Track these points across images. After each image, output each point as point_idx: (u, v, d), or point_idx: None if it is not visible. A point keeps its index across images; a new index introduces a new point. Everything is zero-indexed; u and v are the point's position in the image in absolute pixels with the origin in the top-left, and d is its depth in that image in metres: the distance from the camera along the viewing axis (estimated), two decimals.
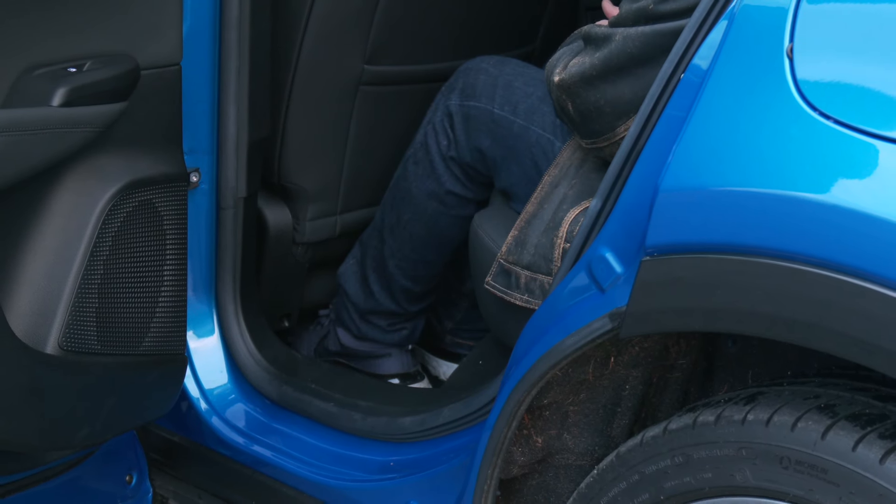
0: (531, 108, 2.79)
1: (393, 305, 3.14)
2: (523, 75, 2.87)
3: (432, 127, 2.94)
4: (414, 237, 3.03)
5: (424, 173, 2.96)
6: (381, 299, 3.13)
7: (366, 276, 3.14)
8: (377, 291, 3.12)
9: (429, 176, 2.95)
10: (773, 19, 1.88)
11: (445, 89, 2.95)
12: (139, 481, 2.95)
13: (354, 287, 3.15)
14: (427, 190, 2.96)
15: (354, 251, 3.18)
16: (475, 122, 2.86)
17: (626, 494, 2.06)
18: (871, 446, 1.81)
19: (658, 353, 2.21)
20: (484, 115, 2.84)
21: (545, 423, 2.27)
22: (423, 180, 2.96)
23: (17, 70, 2.31)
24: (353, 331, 3.20)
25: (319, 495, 2.71)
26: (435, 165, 2.93)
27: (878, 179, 1.76)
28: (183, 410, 2.89)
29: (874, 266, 1.74)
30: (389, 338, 3.20)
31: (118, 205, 2.46)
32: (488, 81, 2.87)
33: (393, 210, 3.04)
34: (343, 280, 3.18)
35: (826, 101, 1.81)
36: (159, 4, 2.51)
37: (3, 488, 2.64)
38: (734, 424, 1.93)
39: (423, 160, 2.95)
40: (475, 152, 2.87)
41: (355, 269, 3.16)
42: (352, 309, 3.17)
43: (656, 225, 1.96)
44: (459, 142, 2.89)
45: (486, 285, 2.51)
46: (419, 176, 2.96)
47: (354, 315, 3.17)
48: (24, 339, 2.33)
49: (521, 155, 2.77)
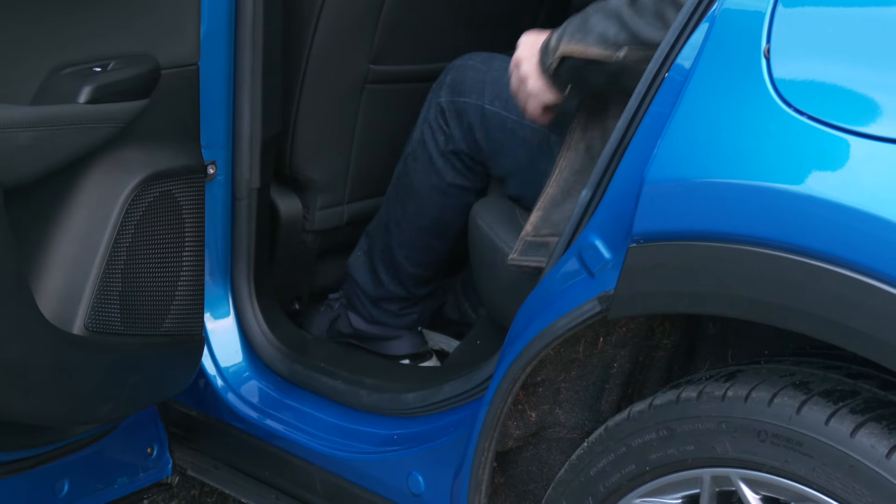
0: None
1: (402, 291, 3.12)
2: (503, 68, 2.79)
3: (427, 125, 2.90)
4: (420, 229, 3.01)
5: (425, 169, 2.93)
6: (390, 287, 3.11)
7: (374, 267, 3.11)
8: (386, 280, 3.10)
9: (430, 171, 2.92)
10: (751, 22, 1.88)
11: (435, 87, 2.92)
12: (160, 453, 2.95)
13: (364, 276, 3.13)
14: (429, 184, 2.93)
15: (361, 243, 3.16)
16: (467, 116, 2.82)
17: (614, 465, 2.06)
18: (843, 420, 1.81)
19: (644, 333, 2.21)
20: (475, 111, 2.80)
21: (539, 399, 2.27)
22: (424, 176, 2.93)
23: (47, 70, 2.31)
24: (365, 316, 3.18)
25: (327, 466, 2.71)
26: (434, 161, 2.90)
27: (848, 171, 1.76)
28: (200, 387, 2.89)
29: (845, 251, 1.74)
30: (400, 321, 3.18)
31: (140, 195, 2.46)
32: (476, 77, 2.82)
33: (397, 205, 3.01)
34: (353, 270, 3.16)
35: (801, 99, 1.81)
36: (179, 8, 2.51)
37: (34, 459, 2.64)
38: (715, 400, 1.93)
39: (423, 157, 2.92)
40: (471, 143, 2.84)
41: (363, 260, 3.14)
42: (363, 296, 3.15)
43: (642, 214, 1.96)
44: (454, 136, 2.86)
45: (511, 263, 2.44)
46: (420, 172, 2.94)
47: (366, 301, 3.16)
48: (53, 320, 2.33)
49: (515, 149, 2.74)
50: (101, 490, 2.84)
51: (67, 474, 2.74)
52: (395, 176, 3.02)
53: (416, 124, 2.95)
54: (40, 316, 2.29)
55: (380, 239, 3.09)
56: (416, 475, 2.54)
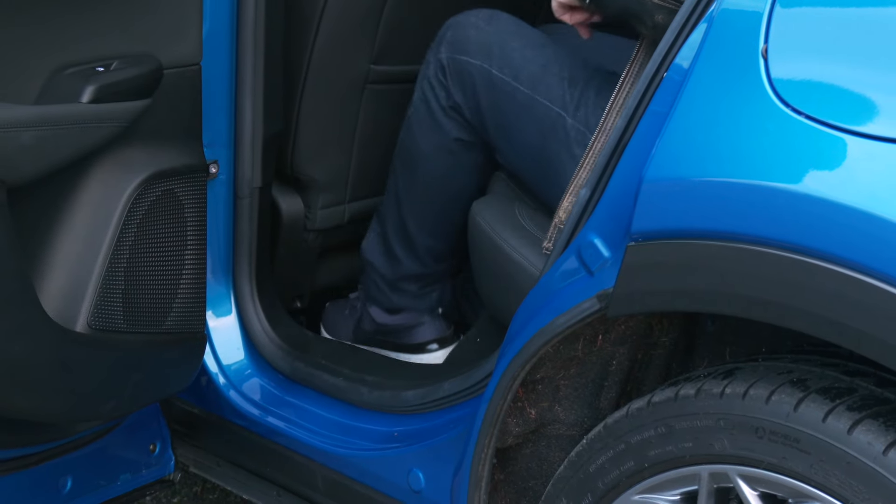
0: (534, 77, 2.63)
1: (419, 267, 3.00)
2: (518, 36, 2.70)
3: (427, 82, 2.79)
4: (430, 192, 2.89)
5: (429, 128, 2.81)
6: (407, 263, 2.99)
7: (389, 245, 2.99)
8: (402, 256, 2.99)
9: (434, 130, 2.81)
10: (748, 22, 1.88)
11: (434, 44, 2.80)
12: (162, 450, 2.95)
13: (379, 258, 3.02)
14: (435, 143, 2.82)
15: (374, 226, 3.05)
16: (470, 78, 2.71)
17: (613, 462, 2.06)
18: (840, 417, 1.82)
19: (643, 331, 2.21)
20: (480, 74, 2.69)
21: (538, 396, 2.27)
22: (429, 135, 2.82)
23: (50, 69, 2.31)
24: (385, 303, 3.07)
25: (329, 463, 2.71)
26: (437, 118, 2.79)
27: (845, 170, 1.76)
28: (202, 384, 2.89)
29: (842, 250, 1.75)
30: (421, 303, 3.07)
31: (143, 194, 2.46)
32: (480, 38, 2.70)
33: (405, 171, 2.91)
34: (367, 254, 3.05)
35: (798, 98, 1.81)
36: (181, 8, 2.51)
37: (37, 456, 2.64)
38: (713, 397, 1.93)
39: (425, 116, 2.81)
40: (473, 109, 2.73)
41: (377, 242, 3.03)
42: (380, 281, 3.04)
43: (641, 213, 1.96)
44: (454, 93, 2.74)
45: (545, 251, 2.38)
46: (424, 132, 2.82)
47: (383, 286, 3.05)
48: (56, 318, 2.33)
49: (527, 127, 2.63)
50: (103, 487, 2.84)
51: (71, 471, 2.74)
52: (399, 142, 2.92)
53: (416, 84, 2.85)
54: (44, 314, 2.29)
55: (392, 213, 2.97)
56: (416, 472, 2.54)
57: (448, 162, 2.84)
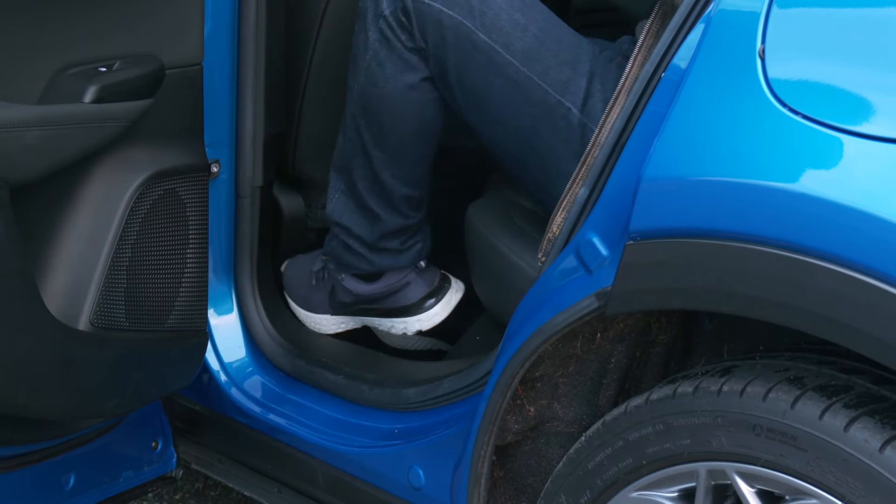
0: (529, 51, 2.39)
1: (401, 219, 2.72)
2: None
3: (384, 21, 2.47)
4: (403, 140, 2.60)
5: (396, 70, 2.51)
6: (387, 218, 2.70)
7: (363, 202, 2.70)
8: (381, 212, 2.69)
9: (402, 70, 2.50)
10: (746, 23, 1.88)
11: None
12: (164, 447, 2.95)
13: (355, 218, 2.73)
14: (404, 85, 2.51)
15: (335, 185, 2.75)
16: (439, 30, 2.41)
17: (611, 459, 2.06)
18: (837, 415, 1.81)
19: (641, 329, 2.21)
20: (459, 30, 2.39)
21: (537, 394, 2.27)
22: (395, 78, 2.51)
23: (53, 69, 2.31)
24: (364, 268, 2.79)
25: (329, 460, 2.71)
26: (405, 58, 2.49)
27: (841, 169, 1.76)
28: (204, 382, 2.89)
29: (838, 249, 1.74)
30: (404, 259, 2.79)
31: (145, 193, 2.46)
32: None
33: (370, 121, 2.59)
34: (338, 217, 2.75)
35: (795, 98, 1.81)
36: (183, 9, 2.51)
37: (40, 453, 2.64)
38: (711, 395, 1.93)
39: (389, 57, 2.50)
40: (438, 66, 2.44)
41: (345, 201, 2.73)
42: (357, 244, 2.75)
43: (639, 212, 1.96)
44: (418, 39, 2.45)
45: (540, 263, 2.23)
46: (389, 75, 2.51)
47: (362, 249, 2.76)
48: (59, 316, 2.33)
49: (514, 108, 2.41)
50: (106, 483, 2.84)
51: (74, 468, 2.74)
52: (358, 91, 2.58)
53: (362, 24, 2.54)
54: (47, 312, 2.29)
55: (358, 169, 2.67)
56: (416, 469, 2.54)
57: (421, 100, 2.55)
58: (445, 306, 2.89)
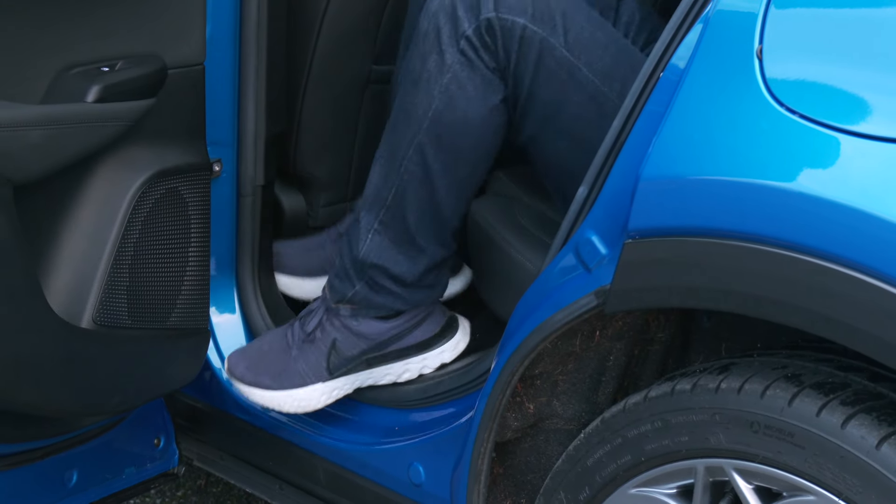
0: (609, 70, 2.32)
1: (444, 252, 2.55)
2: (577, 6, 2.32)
3: (466, 41, 2.32)
4: (476, 165, 2.44)
5: (478, 92, 2.35)
6: (432, 252, 2.52)
7: (409, 238, 2.50)
8: (427, 246, 2.51)
9: (483, 92, 2.35)
10: (744, 23, 1.88)
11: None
12: (167, 444, 2.96)
13: (394, 256, 2.52)
14: (487, 107, 2.37)
15: (369, 226, 2.53)
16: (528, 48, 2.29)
17: (610, 456, 2.06)
18: (834, 412, 1.82)
19: (639, 327, 2.21)
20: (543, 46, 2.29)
21: (536, 391, 2.27)
22: (478, 100, 2.36)
23: (56, 69, 2.32)
24: (397, 306, 2.59)
25: (330, 457, 2.71)
26: (488, 79, 2.35)
27: (839, 168, 1.76)
28: (206, 379, 2.89)
29: (836, 247, 1.75)
30: (438, 291, 2.63)
31: (147, 192, 2.46)
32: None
33: (442, 148, 2.40)
34: (374, 258, 2.53)
35: (792, 98, 1.81)
36: (184, 10, 2.51)
37: (43, 450, 2.64)
38: (709, 392, 1.93)
39: (471, 78, 2.35)
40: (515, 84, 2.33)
41: (381, 239, 2.52)
42: (393, 283, 2.55)
43: (638, 210, 1.96)
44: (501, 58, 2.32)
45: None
46: (472, 97, 2.36)
47: (398, 288, 2.55)
48: (62, 314, 2.33)
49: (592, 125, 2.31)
50: (109, 480, 2.84)
51: (76, 465, 2.74)
52: (428, 121, 2.39)
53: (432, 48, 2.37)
54: (49, 310, 2.29)
55: (415, 202, 2.46)
56: (416, 465, 2.54)
57: (497, 123, 2.41)
58: (464, 331, 2.74)
